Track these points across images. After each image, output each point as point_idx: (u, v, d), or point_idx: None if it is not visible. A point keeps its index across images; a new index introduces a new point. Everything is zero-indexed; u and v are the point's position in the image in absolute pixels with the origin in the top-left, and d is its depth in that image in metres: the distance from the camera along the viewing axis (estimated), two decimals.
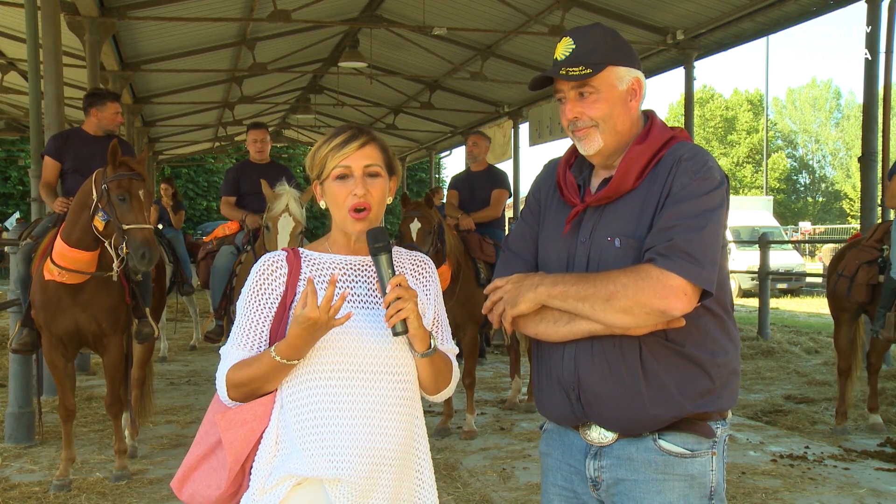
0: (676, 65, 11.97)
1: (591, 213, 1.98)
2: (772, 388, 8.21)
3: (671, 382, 1.87)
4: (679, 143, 1.96)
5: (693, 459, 1.90)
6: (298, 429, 1.88)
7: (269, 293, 1.93)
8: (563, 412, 1.99)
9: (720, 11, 10.09)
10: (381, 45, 14.11)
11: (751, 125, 54.32)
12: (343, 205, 1.94)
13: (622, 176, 1.93)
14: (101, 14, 9.59)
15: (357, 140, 1.97)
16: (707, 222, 1.81)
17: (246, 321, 1.94)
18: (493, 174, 7.29)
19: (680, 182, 1.85)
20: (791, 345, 10.71)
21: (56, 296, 4.80)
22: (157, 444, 5.91)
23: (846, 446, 5.87)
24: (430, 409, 7.14)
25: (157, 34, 11.82)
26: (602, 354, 1.89)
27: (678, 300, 1.77)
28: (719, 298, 1.90)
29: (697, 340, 1.89)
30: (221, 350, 1.97)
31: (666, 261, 1.77)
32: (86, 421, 6.55)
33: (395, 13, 12.90)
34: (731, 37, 10.86)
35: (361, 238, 1.97)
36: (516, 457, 5.62)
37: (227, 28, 12.25)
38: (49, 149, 5.62)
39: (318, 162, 1.97)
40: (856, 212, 41.14)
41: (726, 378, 1.93)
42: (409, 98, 17.63)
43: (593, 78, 1.92)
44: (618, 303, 1.79)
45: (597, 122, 1.95)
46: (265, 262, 1.97)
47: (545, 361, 2.03)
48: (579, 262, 1.96)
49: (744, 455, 5.61)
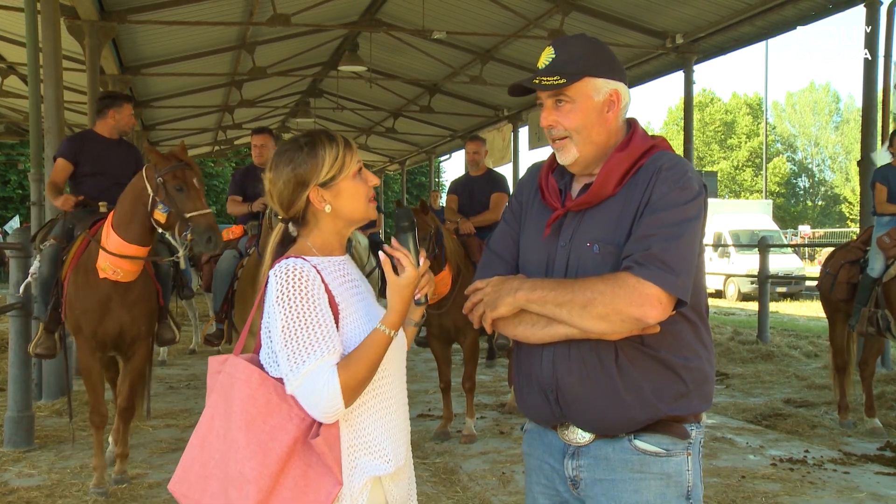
0: (676, 68, 12.00)
1: (571, 218, 2.01)
2: (771, 391, 8.21)
3: (646, 385, 1.90)
4: (660, 151, 1.99)
5: (669, 458, 1.94)
6: (365, 428, 1.96)
7: (321, 298, 1.90)
8: (542, 413, 2.03)
9: (719, 15, 10.12)
10: (380, 49, 14.14)
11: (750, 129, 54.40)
12: (364, 197, 2.04)
13: (602, 182, 1.96)
14: (100, 18, 9.62)
15: (349, 139, 2.07)
16: (684, 231, 1.84)
17: (320, 329, 1.86)
18: (492, 178, 7.29)
19: (659, 191, 1.88)
20: (791, 348, 10.70)
21: (106, 296, 4.80)
22: (155, 448, 5.91)
23: (846, 450, 5.86)
24: (430, 412, 7.14)
25: (156, 38, 11.84)
26: (579, 357, 1.92)
27: (653, 308, 1.80)
28: (694, 305, 1.93)
29: (672, 346, 1.92)
30: (306, 370, 1.83)
31: (642, 269, 1.80)
32: (84, 425, 6.54)
33: (395, 17, 12.93)
34: (731, 41, 10.88)
35: (347, 237, 2.10)
36: (516, 460, 5.61)
37: (226, 32, 12.28)
38: (64, 151, 5.55)
39: (331, 165, 1.99)
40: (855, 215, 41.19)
41: (699, 382, 1.96)
42: (409, 102, 17.65)
43: (568, 88, 1.97)
44: (594, 310, 1.82)
45: (570, 132, 1.99)
46: (301, 271, 1.89)
47: (525, 363, 2.06)
48: (559, 266, 1.99)
49: (743, 459, 5.61)
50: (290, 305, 1.86)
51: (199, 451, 1.96)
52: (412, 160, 26.08)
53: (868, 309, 6.22)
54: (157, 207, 4.64)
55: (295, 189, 1.99)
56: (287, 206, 2.02)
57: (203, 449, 1.95)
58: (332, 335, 1.87)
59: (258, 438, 1.85)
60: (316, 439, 1.86)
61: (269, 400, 1.87)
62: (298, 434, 1.86)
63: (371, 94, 17.19)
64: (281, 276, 1.89)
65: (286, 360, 1.85)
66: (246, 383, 1.91)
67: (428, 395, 7.85)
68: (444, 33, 11.39)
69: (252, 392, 1.89)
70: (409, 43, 13.64)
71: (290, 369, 1.85)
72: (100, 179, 5.45)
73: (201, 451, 1.95)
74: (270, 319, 1.91)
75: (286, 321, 1.85)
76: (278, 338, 1.87)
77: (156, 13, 10.43)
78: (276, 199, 2.03)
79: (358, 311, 1.99)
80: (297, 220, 2.04)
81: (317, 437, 1.86)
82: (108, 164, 5.48)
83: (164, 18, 10.55)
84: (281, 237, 2.07)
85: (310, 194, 1.99)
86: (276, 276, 1.90)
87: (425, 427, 6.61)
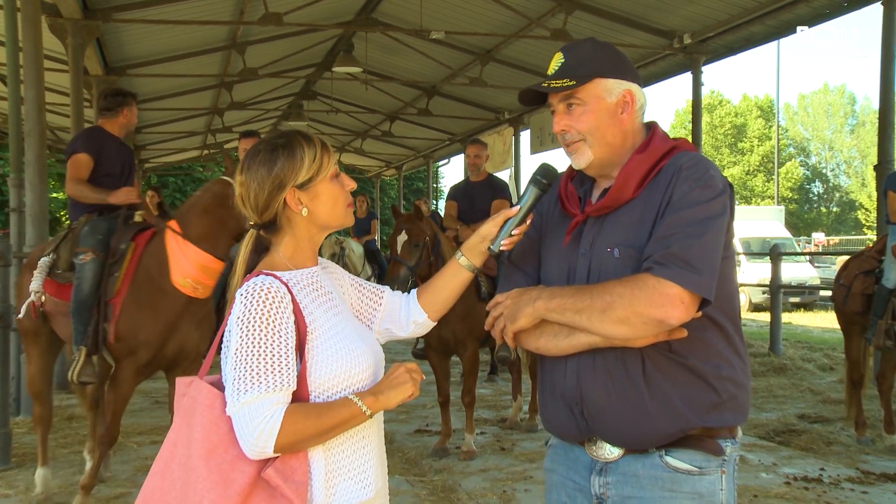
0: (683, 69, 12.01)
1: (591, 224, 2.02)
2: (784, 406, 8.19)
3: (675, 395, 1.89)
4: (681, 152, 1.99)
5: (701, 477, 1.92)
6: (343, 452, 1.94)
7: (285, 325, 1.85)
8: (567, 427, 2.03)
9: (729, 14, 10.14)
10: (376, 50, 14.16)
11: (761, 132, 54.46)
12: (343, 201, 2.04)
13: (621, 185, 1.97)
14: (84, 16, 9.62)
15: (324, 140, 2.07)
16: (706, 230, 1.83)
17: (274, 361, 1.82)
18: (492, 184, 7.29)
19: (680, 190, 1.88)
20: (804, 361, 10.69)
21: (178, 314, 4.74)
22: (140, 466, 5.88)
23: (864, 468, 5.84)
24: (428, 427, 7.12)
25: (143, 37, 11.85)
26: (604, 367, 1.92)
27: (675, 308, 1.79)
28: (726, 311, 1.93)
29: (702, 353, 1.91)
30: (247, 400, 1.79)
31: (662, 269, 1.80)
32: (66, 442, 6.52)
33: (392, 16, 12.95)
34: (741, 40, 10.90)
35: (320, 244, 2.09)
36: (517, 478, 5.59)
37: (216, 31, 12.29)
38: (86, 145, 5.36)
39: (309, 167, 1.97)
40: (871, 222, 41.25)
41: (733, 392, 1.95)
42: (406, 104, 17.67)
43: (579, 90, 1.99)
44: (614, 313, 1.82)
45: (584, 135, 2.01)
46: (268, 292, 1.85)
47: (548, 376, 2.06)
48: (580, 273, 2.00)
49: (756, 477, 5.58)
50: (248, 328, 1.83)
51: (161, 479, 1.90)
52: (409, 165, 26.08)
53: (885, 321, 6.21)
54: None
55: (271, 191, 1.96)
56: (262, 210, 1.99)
57: (164, 478, 1.90)
58: (284, 370, 1.82)
59: (219, 468, 1.81)
60: (268, 471, 1.82)
61: (231, 428, 1.84)
62: (262, 464, 1.83)
63: (367, 97, 17.21)
64: (247, 297, 1.85)
65: (231, 382, 1.82)
66: (209, 409, 1.87)
67: (426, 410, 7.83)
68: (443, 33, 11.41)
69: (214, 418, 1.86)
70: (407, 43, 13.66)
71: (232, 394, 1.81)
72: (108, 181, 5.33)
73: (162, 479, 1.90)
74: (230, 339, 1.87)
75: (241, 343, 1.82)
76: (231, 358, 1.83)
77: (142, 11, 10.43)
78: (249, 202, 2.00)
79: (331, 326, 1.96)
80: (270, 225, 2.02)
81: (268, 470, 1.82)
82: (116, 166, 5.41)
83: (150, 17, 10.56)
84: (253, 245, 2.04)
85: (286, 197, 1.97)
86: (242, 296, 1.86)
87: (423, 443, 6.59)
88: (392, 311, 2.24)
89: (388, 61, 15.19)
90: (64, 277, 5.07)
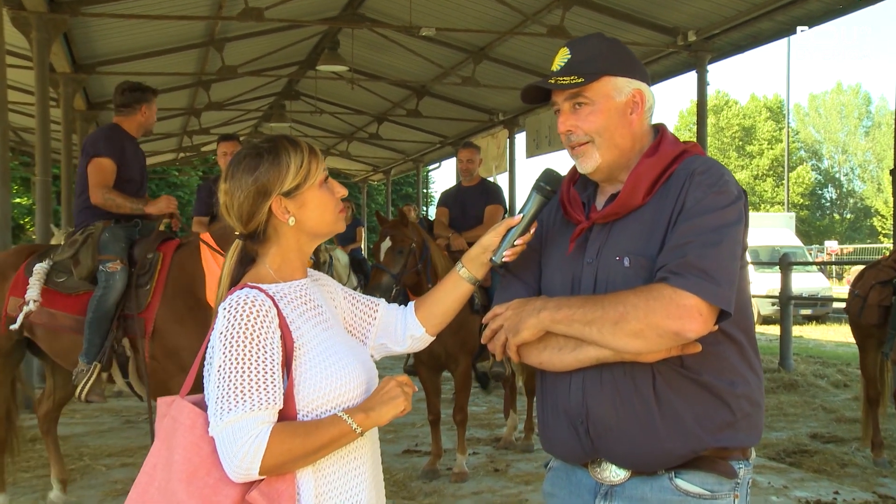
0: (688, 68, 12.07)
1: (597, 232, 2.02)
2: (796, 425, 8.21)
3: (687, 413, 1.89)
4: (692, 156, 2.00)
5: (713, 501, 1.92)
6: (334, 473, 1.94)
7: (270, 341, 1.86)
8: (570, 447, 2.01)
9: (736, 10, 10.17)
10: (363, 47, 14.19)
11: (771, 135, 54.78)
12: (333, 208, 2.05)
13: (630, 190, 1.96)
14: (50, 9, 9.57)
15: (312, 145, 2.07)
16: (723, 238, 1.83)
17: (259, 377, 1.82)
18: (486, 189, 7.31)
19: (694, 196, 1.88)
20: (817, 377, 10.72)
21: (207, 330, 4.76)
22: (109, 491, 5.84)
23: (881, 492, 5.85)
24: (417, 447, 7.11)
25: (114, 33, 11.84)
26: (612, 383, 1.91)
27: (693, 321, 1.78)
28: (740, 323, 1.93)
29: (715, 368, 1.91)
30: (231, 419, 1.79)
31: (679, 279, 1.79)
32: (28, 466, 6.47)
33: (379, 12, 12.98)
34: (749, 37, 10.95)
35: (309, 254, 2.10)
36: (512, 502, 5.58)
37: (192, 27, 12.30)
38: (108, 149, 5.21)
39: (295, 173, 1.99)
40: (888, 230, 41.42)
41: (747, 410, 1.95)
42: (395, 105, 17.70)
43: (586, 88, 1.98)
44: (628, 325, 1.81)
45: (592, 136, 2.00)
46: (253, 306, 1.86)
47: (550, 393, 2.05)
48: (585, 284, 1.99)
49: (765, 501, 5.59)
50: (232, 344, 1.83)
51: None
52: (398, 169, 26.11)
53: None
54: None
55: (256, 200, 1.98)
56: (246, 219, 2.01)
57: None
58: (270, 387, 1.83)
59: (201, 493, 1.81)
60: (252, 494, 1.82)
61: (214, 449, 1.83)
62: (246, 487, 1.83)
63: (353, 97, 17.23)
64: (230, 311, 1.86)
65: (214, 401, 1.82)
66: (190, 429, 1.87)
67: (415, 429, 7.81)
68: (434, 30, 11.45)
69: (196, 440, 1.86)
70: (395, 40, 13.70)
71: (215, 413, 1.81)
72: (129, 187, 5.22)
73: None
74: (213, 355, 1.88)
75: (224, 360, 1.83)
76: (213, 375, 1.84)
77: (112, 5, 10.41)
78: (233, 212, 2.02)
79: (320, 341, 1.97)
80: (256, 235, 2.03)
81: (253, 493, 1.82)
82: (136, 170, 5.29)
83: (122, 11, 10.55)
84: (238, 256, 2.05)
85: (272, 205, 1.98)
86: (226, 310, 1.87)
87: (412, 464, 6.58)
88: (388, 326, 2.24)
89: (376, 59, 15.22)
90: (68, 286, 4.94)
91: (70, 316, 4.85)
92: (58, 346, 4.93)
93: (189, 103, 17.25)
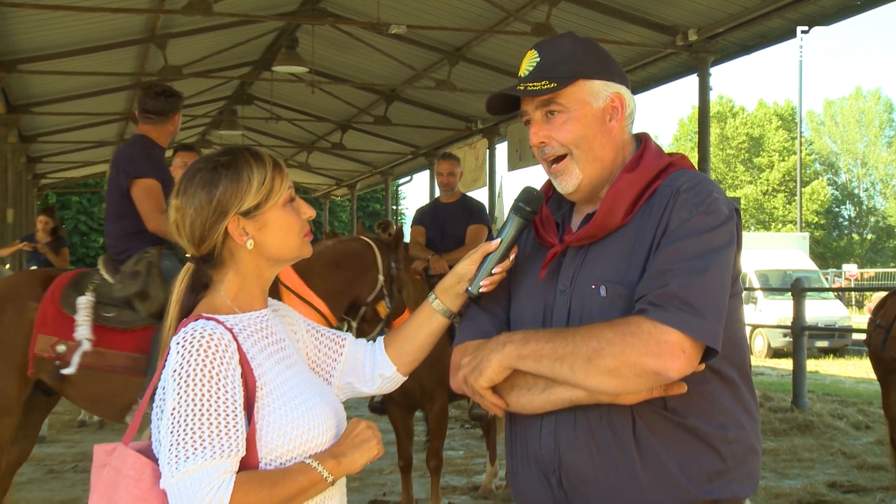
0: (688, 71, 12.17)
1: (571, 256, 2.02)
2: (811, 472, 8.24)
3: (672, 462, 1.88)
4: (678, 171, 2.01)
5: None
6: None
7: (230, 379, 1.84)
8: (542, 500, 2.01)
9: (742, 6, 10.25)
10: (325, 46, 14.21)
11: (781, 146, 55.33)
12: (298, 231, 2.04)
13: (608, 210, 1.96)
14: None
15: (277, 159, 2.07)
16: (710, 265, 1.84)
17: (220, 421, 1.81)
18: (467, 206, 7.33)
19: (678, 217, 1.89)
20: (835, 418, 10.76)
21: None
22: None
23: None
24: (385, 497, 7.07)
25: (38, 26, 11.75)
26: (587, 428, 1.91)
27: (675, 359, 1.78)
28: (732, 359, 1.94)
29: (703, 411, 1.92)
30: (188, 469, 1.77)
31: (660, 311, 1.80)
32: None
33: (343, 6, 13.03)
34: (756, 37, 11.06)
35: (270, 281, 2.10)
36: None
37: (130, 21, 12.25)
38: (150, 167, 5.15)
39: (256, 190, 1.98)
40: None
41: (741, 457, 1.95)
42: (360, 111, 17.74)
43: (559, 94, 1.99)
44: (602, 363, 1.81)
45: (569, 147, 2.01)
46: (210, 339, 1.84)
47: (520, 438, 2.04)
48: (558, 314, 1.99)
49: None
50: (187, 383, 1.81)
51: None
52: (364, 183, 26.11)
53: None
54: (384, 300, 5.10)
55: (210, 219, 1.97)
56: (199, 240, 2.00)
57: None
58: (232, 432, 1.81)
59: None
60: None
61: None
62: None
63: (313, 102, 17.23)
64: (185, 345, 1.84)
65: (168, 449, 1.79)
66: (135, 482, 1.85)
67: (383, 476, 7.77)
68: (405, 27, 11.48)
69: (143, 494, 1.84)
70: (361, 39, 13.73)
71: (169, 462, 1.79)
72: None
73: None
74: (165, 396, 1.85)
75: (179, 402, 1.80)
76: (166, 419, 1.81)
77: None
78: (184, 231, 2.01)
79: (284, 380, 1.96)
80: (210, 258, 2.02)
81: None
82: (169, 186, 5.13)
83: (47, 2, 10.44)
84: (189, 282, 2.03)
85: (228, 225, 1.98)
86: (179, 345, 1.84)
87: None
88: (355, 363, 2.24)
89: (339, 60, 15.25)
90: (122, 321, 4.82)
91: (126, 354, 4.74)
92: (101, 389, 4.79)
93: (127, 107, 17.14)
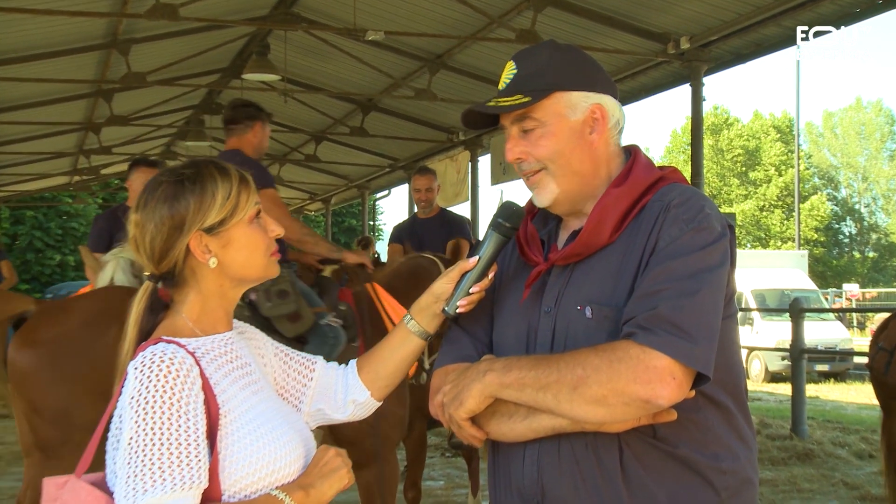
0: (681, 81, 12.22)
1: (556, 275, 2.03)
2: (812, 503, 8.25)
3: (661, 494, 1.88)
4: (669, 185, 2.01)
5: None
6: None
7: (192, 406, 1.83)
8: None
9: (736, 13, 10.31)
10: (298, 53, 14.22)
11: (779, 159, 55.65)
12: (264, 249, 2.06)
13: (595, 227, 1.97)
14: None
15: (245, 173, 2.07)
16: (702, 285, 1.84)
17: (181, 452, 1.80)
18: (447, 221, 7.34)
19: (668, 234, 1.89)
20: (836, 446, 10.79)
21: None
22: None
23: None
24: None
25: None
26: (572, 458, 1.91)
27: (664, 386, 1.78)
28: (726, 385, 1.94)
29: (695, 439, 1.92)
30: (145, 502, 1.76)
31: (648, 335, 1.80)
32: None
33: (318, 11, 13.04)
34: (752, 45, 11.11)
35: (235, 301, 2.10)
36: None
37: (91, 25, 12.22)
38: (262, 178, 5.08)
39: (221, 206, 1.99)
40: None
41: (736, 489, 1.95)
42: (336, 122, 17.74)
43: (533, 108, 2.00)
44: (588, 391, 1.81)
45: (544, 163, 2.02)
46: (171, 364, 1.83)
47: (502, 467, 2.05)
48: (542, 337, 2.00)
49: None
50: (146, 411, 1.80)
51: None
52: (339, 197, 26.08)
53: None
54: None
55: (170, 235, 1.97)
56: (158, 257, 2.00)
57: None
58: (194, 463, 1.80)
59: None
60: None
61: None
62: None
63: (286, 112, 17.21)
64: (143, 370, 1.83)
65: (124, 481, 1.78)
66: None
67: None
68: (382, 34, 11.46)
69: None
70: (337, 45, 13.73)
71: (126, 495, 1.77)
72: None
73: None
74: (122, 425, 1.84)
75: (137, 431, 1.79)
76: (123, 450, 1.80)
77: None
78: (143, 247, 2.01)
79: (249, 407, 1.96)
80: (171, 277, 2.02)
81: None
82: None
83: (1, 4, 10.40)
84: (148, 302, 2.02)
85: (190, 242, 1.98)
86: (137, 370, 1.83)
87: None
88: (326, 388, 2.24)
89: (314, 67, 15.27)
90: None
91: None
92: None
93: (86, 116, 17.09)
